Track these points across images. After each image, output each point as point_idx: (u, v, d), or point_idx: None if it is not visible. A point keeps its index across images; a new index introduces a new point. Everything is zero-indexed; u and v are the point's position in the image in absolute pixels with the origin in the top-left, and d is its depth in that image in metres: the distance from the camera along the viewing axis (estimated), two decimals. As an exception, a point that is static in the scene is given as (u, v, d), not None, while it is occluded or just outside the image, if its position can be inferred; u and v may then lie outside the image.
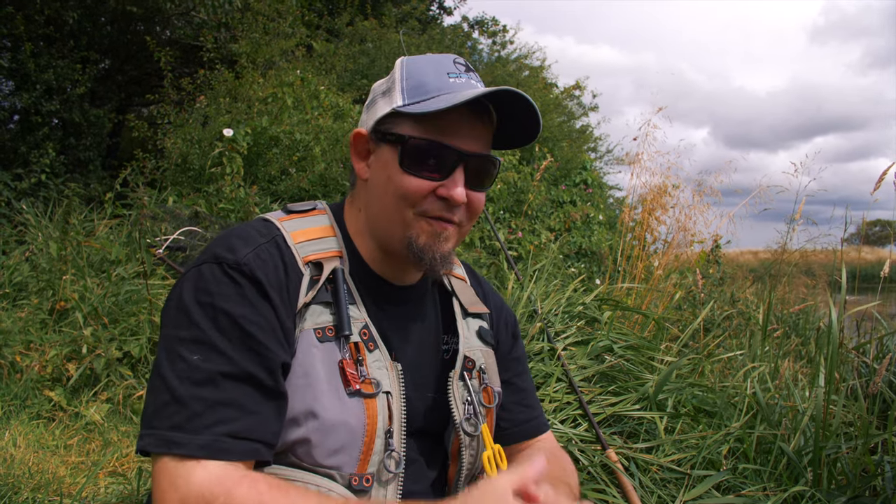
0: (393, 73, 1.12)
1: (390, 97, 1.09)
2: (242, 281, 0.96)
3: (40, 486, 2.50)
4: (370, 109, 1.13)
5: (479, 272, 1.43)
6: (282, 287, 0.99)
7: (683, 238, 4.64)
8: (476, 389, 1.16)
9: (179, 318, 0.95)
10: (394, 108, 1.06)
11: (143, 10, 8.62)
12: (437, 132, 1.04)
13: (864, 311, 3.46)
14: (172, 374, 0.90)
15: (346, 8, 12.52)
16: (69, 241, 4.35)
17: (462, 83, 1.07)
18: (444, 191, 1.05)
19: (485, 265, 6.34)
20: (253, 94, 7.04)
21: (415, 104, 1.05)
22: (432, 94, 1.05)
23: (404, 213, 1.06)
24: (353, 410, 0.98)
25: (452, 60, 1.11)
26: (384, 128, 1.08)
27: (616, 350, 2.78)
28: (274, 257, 1.01)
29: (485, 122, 1.08)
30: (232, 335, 0.93)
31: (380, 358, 1.05)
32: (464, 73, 1.09)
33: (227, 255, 0.98)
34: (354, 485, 0.98)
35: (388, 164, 1.07)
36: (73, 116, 8.09)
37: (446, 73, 1.08)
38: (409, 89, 1.07)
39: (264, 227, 1.07)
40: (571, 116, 15.54)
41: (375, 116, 1.10)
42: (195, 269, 0.99)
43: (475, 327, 1.23)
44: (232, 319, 0.93)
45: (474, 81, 1.10)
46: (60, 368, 3.41)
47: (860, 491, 2.04)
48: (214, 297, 0.94)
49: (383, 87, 1.13)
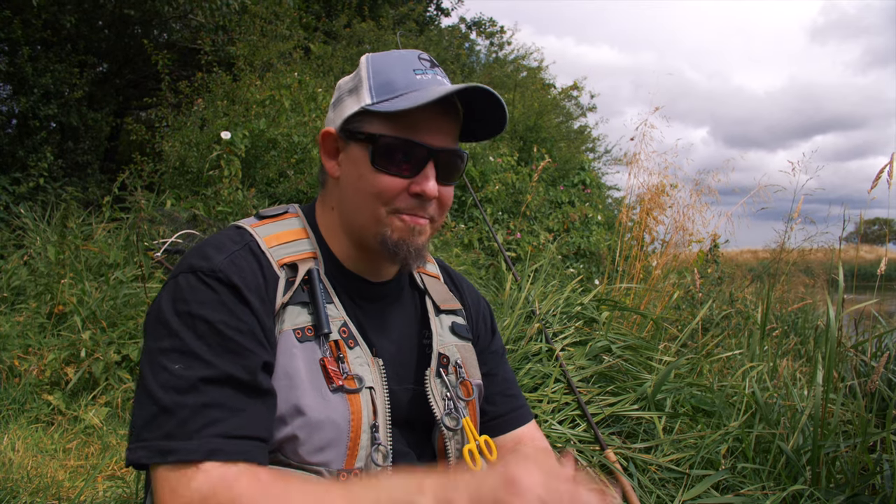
0: (359, 71, 1.12)
1: (358, 95, 1.09)
2: (219, 287, 0.97)
3: (39, 490, 2.50)
4: (337, 107, 1.14)
5: (476, 272, 1.44)
6: (259, 289, 1.01)
7: (682, 238, 4.64)
8: (454, 384, 1.17)
9: (158, 329, 0.96)
10: (362, 106, 1.07)
11: (141, 14, 8.61)
12: (408, 130, 1.06)
13: (862, 310, 3.46)
14: (156, 386, 0.91)
15: (343, 10, 12.53)
16: (67, 244, 4.34)
17: (429, 79, 1.09)
18: (417, 187, 1.06)
19: (483, 266, 6.35)
20: (250, 97, 7.04)
21: (384, 102, 1.06)
22: (400, 92, 1.06)
23: (377, 210, 1.07)
24: (338, 407, 0.99)
25: (417, 56, 1.12)
26: (353, 126, 1.09)
27: (614, 350, 2.78)
28: (249, 262, 1.03)
29: (452, 117, 1.10)
30: (211, 340, 0.94)
31: (361, 354, 1.06)
32: (429, 70, 1.11)
33: (202, 264, 0.99)
34: (343, 481, 0.98)
35: (359, 163, 1.08)
36: (70, 120, 8.09)
37: (413, 70, 1.09)
38: (377, 87, 1.07)
39: (237, 234, 1.09)
40: (569, 117, 15.56)
41: (343, 115, 1.11)
42: (172, 281, 1.00)
43: (448, 323, 1.25)
44: (210, 325, 0.94)
45: (440, 77, 1.11)
46: (59, 372, 3.41)
47: (859, 489, 2.04)
48: (191, 305, 0.95)
49: (350, 85, 1.13)
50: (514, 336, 2.78)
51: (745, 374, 2.88)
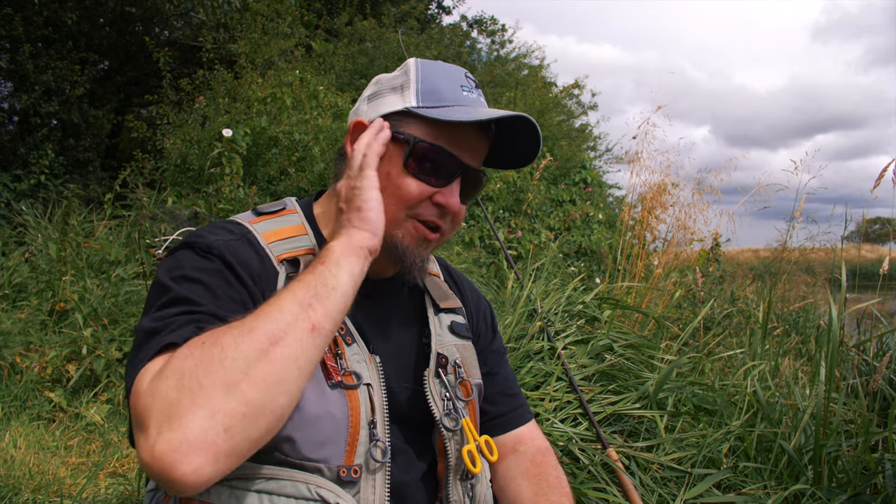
0: (407, 72, 1.12)
1: (402, 95, 1.09)
2: (215, 260, 0.98)
3: (41, 487, 2.50)
4: (375, 101, 1.13)
5: (477, 270, 1.45)
6: (254, 275, 1.01)
7: (683, 236, 4.63)
8: (453, 384, 1.17)
9: (154, 293, 0.97)
10: (407, 107, 1.07)
11: (142, 11, 8.61)
12: (448, 141, 1.07)
13: (864, 309, 3.45)
14: (146, 324, 0.90)
15: (344, 8, 12.53)
16: (69, 242, 4.35)
17: (474, 98, 1.11)
18: (442, 198, 1.07)
19: (484, 264, 6.35)
20: (252, 95, 7.04)
21: (430, 109, 1.06)
22: (447, 104, 1.07)
23: (398, 212, 1.07)
24: (336, 402, 0.99)
25: (464, 74, 1.14)
26: (391, 124, 1.08)
27: (616, 349, 2.78)
28: (246, 250, 1.03)
29: (486, 140, 1.13)
30: (204, 296, 0.94)
31: (358, 351, 1.06)
32: (474, 89, 1.13)
33: (198, 241, 1.01)
34: (343, 476, 0.98)
35: (388, 161, 1.07)
36: (72, 117, 8.09)
37: (460, 86, 1.11)
38: (424, 92, 1.08)
39: (234, 226, 1.09)
40: (570, 115, 15.55)
41: (382, 110, 1.10)
42: (169, 257, 1.01)
43: (447, 322, 1.24)
44: (204, 285, 0.95)
45: (483, 99, 1.14)
46: (60, 369, 3.41)
47: (861, 489, 2.04)
48: (186, 270, 0.96)
49: (394, 83, 1.12)
50: (516, 334, 2.78)
51: (747, 373, 2.88)
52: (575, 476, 2.06)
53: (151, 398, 0.77)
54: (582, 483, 2.03)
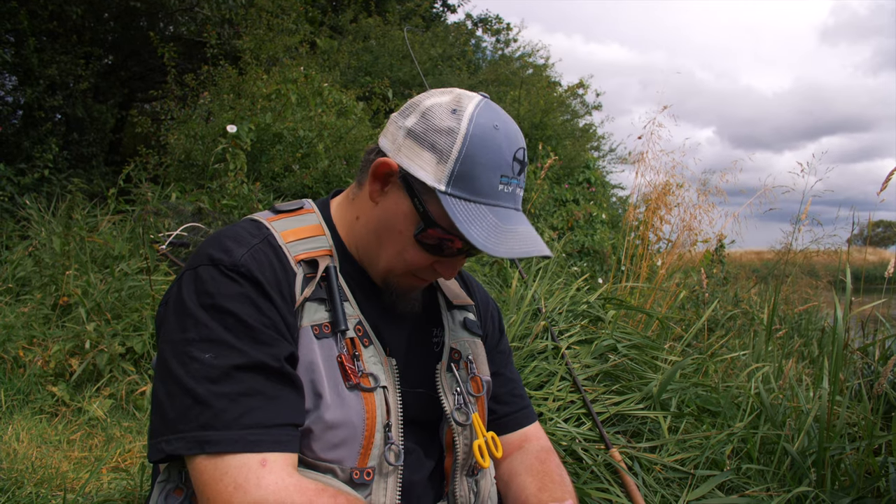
0: (455, 132, 1.00)
1: (437, 161, 1.00)
2: (242, 281, 0.97)
3: (43, 481, 2.50)
4: (412, 146, 1.03)
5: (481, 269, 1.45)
6: (280, 284, 1.00)
7: (688, 237, 4.62)
8: (464, 379, 1.18)
9: (184, 321, 0.95)
10: (434, 186, 0.99)
11: (147, 6, 8.61)
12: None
13: (867, 313, 3.44)
14: (188, 377, 0.91)
15: (349, 5, 12.53)
16: (72, 236, 4.35)
17: (508, 194, 1.03)
18: (441, 268, 1.10)
19: (488, 263, 6.34)
20: (256, 91, 7.03)
21: (457, 200, 1.00)
22: (476, 199, 1.00)
23: (396, 265, 1.09)
24: (354, 405, 1.00)
25: (513, 156, 1.03)
26: (416, 187, 1.02)
27: (620, 349, 2.78)
28: (269, 256, 1.02)
29: None
30: (238, 331, 0.94)
31: (375, 353, 1.06)
32: (514, 178, 1.04)
33: (222, 257, 0.99)
34: (356, 478, 0.98)
35: (403, 219, 1.05)
36: (76, 112, 8.10)
37: (500, 176, 1.01)
38: (459, 175, 0.99)
39: (254, 227, 1.08)
40: (575, 115, 15.53)
41: (413, 168, 1.01)
42: (191, 272, 0.99)
43: (460, 319, 1.26)
44: (236, 317, 0.94)
45: (518, 190, 1.06)
46: (63, 364, 3.41)
47: (864, 492, 2.04)
48: (216, 298, 0.95)
49: (437, 138, 1.01)
50: (520, 333, 2.78)
51: (751, 375, 2.88)
52: (578, 476, 2.06)
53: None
54: (585, 483, 2.03)
